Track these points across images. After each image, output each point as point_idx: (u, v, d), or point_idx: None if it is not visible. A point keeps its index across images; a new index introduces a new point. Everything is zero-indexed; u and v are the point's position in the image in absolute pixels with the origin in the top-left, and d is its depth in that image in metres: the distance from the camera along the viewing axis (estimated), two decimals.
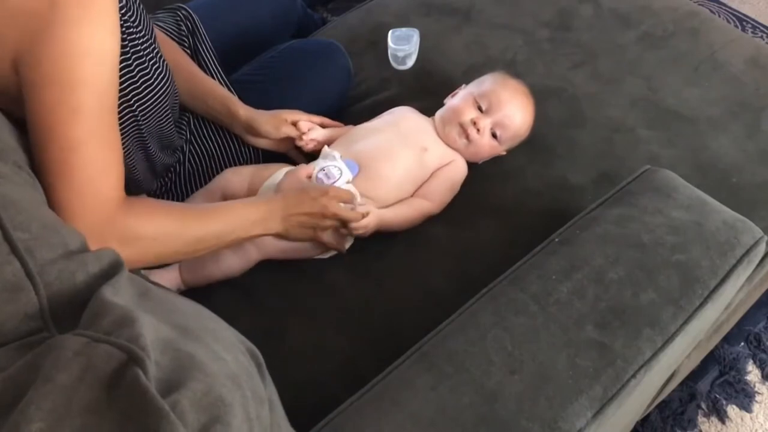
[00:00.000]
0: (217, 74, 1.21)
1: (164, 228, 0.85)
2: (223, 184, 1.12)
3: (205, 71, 1.20)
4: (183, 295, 0.72)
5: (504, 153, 1.19)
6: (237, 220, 0.94)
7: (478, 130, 1.13)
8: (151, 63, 0.93)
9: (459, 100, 1.18)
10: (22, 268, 0.54)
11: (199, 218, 0.90)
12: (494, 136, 1.15)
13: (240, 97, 1.18)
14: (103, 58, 0.73)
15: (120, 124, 0.83)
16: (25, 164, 0.69)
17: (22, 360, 0.48)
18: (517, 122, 1.15)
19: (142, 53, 0.91)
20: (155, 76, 0.94)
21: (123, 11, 0.85)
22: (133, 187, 0.99)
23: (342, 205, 1.02)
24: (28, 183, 0.66)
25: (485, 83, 1.18)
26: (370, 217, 1.04)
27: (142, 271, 0.94)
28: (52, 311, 0.54)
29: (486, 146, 1.15)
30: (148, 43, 0.93)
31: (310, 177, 1.07)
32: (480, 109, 1.15)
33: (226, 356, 0.53)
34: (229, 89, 1.20)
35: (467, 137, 1.14)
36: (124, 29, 0.85)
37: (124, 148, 0.86)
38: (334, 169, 1.08)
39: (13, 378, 0.47)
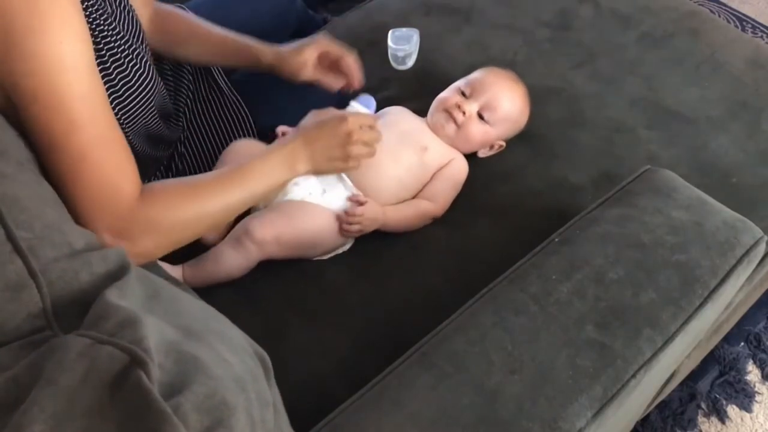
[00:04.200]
0: (218, 74, 1.22)
1: (185, 210, 0.82)
2: (232, 156, 1.10)
3: (204, 71, 1.20)
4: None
5: (503, 144, 1.20)
6: (257, 175, 0.91)
7: (464, 113, 1.14)
8: (130, 64, 0.91)
9: (445, 91, 1.19)
10: (25, 267, 0.54)
11: (218, 188, 0.87)
12: (483, 119, 1.15)
13: (240, 97, 1.19)
14: (78, 62, 0.71)
15: None
16: (27, 162, 0.68)
17: (25, 360, 0.48)
18: (504, 103, 1.16)
19: (118, 53, 0.89)
20: (135, 77, 0.92)
21: (89, 11, 0.82)
22: None
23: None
24: (33, 181, 0.66)
25: (472, 75, 1.20)
26: (369, 204, 1.05)
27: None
28: (55, 310, 0.54)
29: (475, 131, 1.15)
30: (127, 44, 0.91)
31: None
32: (465, 95, 1.16)
33: (232, 359, 0.53)
34: (229, 89, 1.21)
35: (454, 122, 1.14)
36: (93, 27, 0.83)
37: None
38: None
39: (16, 378, 0.47)
